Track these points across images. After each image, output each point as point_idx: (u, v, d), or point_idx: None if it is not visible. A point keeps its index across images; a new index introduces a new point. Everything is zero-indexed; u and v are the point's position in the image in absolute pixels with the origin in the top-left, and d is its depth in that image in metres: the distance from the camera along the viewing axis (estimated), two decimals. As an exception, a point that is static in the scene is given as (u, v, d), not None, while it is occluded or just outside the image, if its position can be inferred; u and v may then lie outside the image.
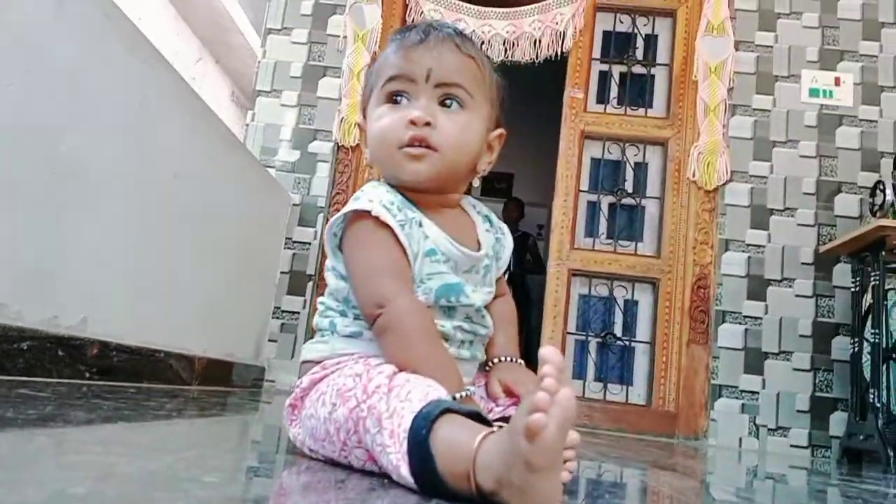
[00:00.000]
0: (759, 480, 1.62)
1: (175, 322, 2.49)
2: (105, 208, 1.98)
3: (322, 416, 0.82)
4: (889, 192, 2.98)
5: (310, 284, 3.53)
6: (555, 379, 0.57)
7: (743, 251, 3.49)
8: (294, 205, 3.59)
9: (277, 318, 3.50)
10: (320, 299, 0.97)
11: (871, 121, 3.60)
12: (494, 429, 0.66)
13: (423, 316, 0.85)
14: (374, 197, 0.88)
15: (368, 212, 0.87)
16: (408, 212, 0.90)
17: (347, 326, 0.91)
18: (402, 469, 0.69)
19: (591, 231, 3.72)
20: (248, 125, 3.77)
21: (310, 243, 3.57)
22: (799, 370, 3.35)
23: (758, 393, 3.33)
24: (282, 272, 3.53)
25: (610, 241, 3.67)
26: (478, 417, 0.69)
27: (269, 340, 3.47)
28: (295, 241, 3.57)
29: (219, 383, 2.87)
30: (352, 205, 0.88)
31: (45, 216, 1.74)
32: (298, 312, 3.51)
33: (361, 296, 0.87)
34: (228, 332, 3.00)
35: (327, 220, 3.54)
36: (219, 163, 2.73)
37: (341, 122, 3.64)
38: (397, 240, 0.87)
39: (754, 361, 3.36)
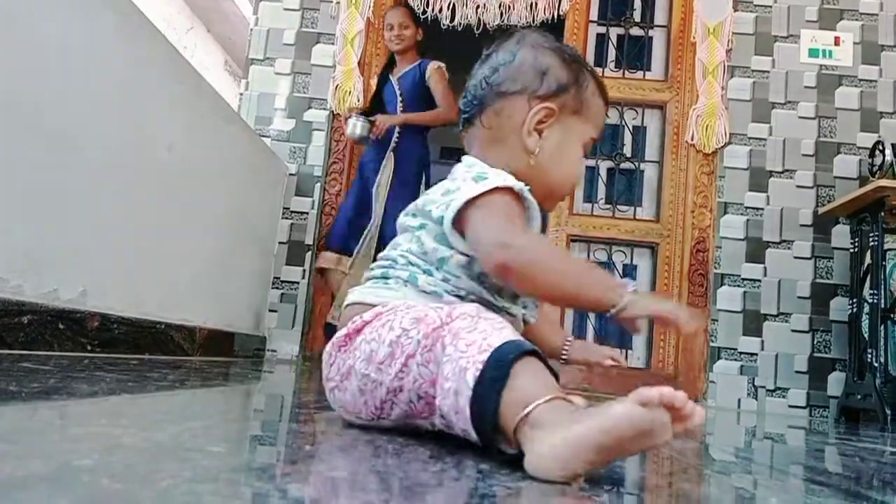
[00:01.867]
0: (757, 440, 1.64)
1: (175, 294, 2.49)
2: (101, 181, 1.97)
3: (388, 339, 0.82)
4: (888, 152, 2.97)
5: (308, 254, 3.53)
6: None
7: (742, 214, 3.48)
8: (290, 174, 3.57)
9: (277, 288, 3.51)
10: (400, 251, 0.96)
11: (871, 80, 3.57)
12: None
13: (547, 242, 0.96)
14: (510, 180, 0.90)
15: (511, 188, 0.89)
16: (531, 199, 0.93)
17: (430, 284, 0.91)
18: (468, 374, 0.69)
19: (590, 196, 3.71)
20: (241, 95, 3.73)
21: (307, 213, 3.56)
22: (797, 331, 3.37)
23: (756, 354, 3.35)
24: (280, 242, 3.52)
25: (608, 206, 3.66)
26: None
27: (270, 310, 3.47)
28: (293, 211, 3.56)
29: (220, 354, 2.88)
30: (491, 181, 0.89)
31: (42, 190, 1.72)
32: (298, 282, 3.51)
33: (489, 234, 0.86)
34: (228, 302, 3.01)
35: (324, 189, 3.53)
36: (213, 134, 2.71)
37: (336, 89, 3.60)
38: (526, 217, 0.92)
39: (753, 323, 3.37)
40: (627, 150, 3.72)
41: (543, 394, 0.65)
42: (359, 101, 3.57)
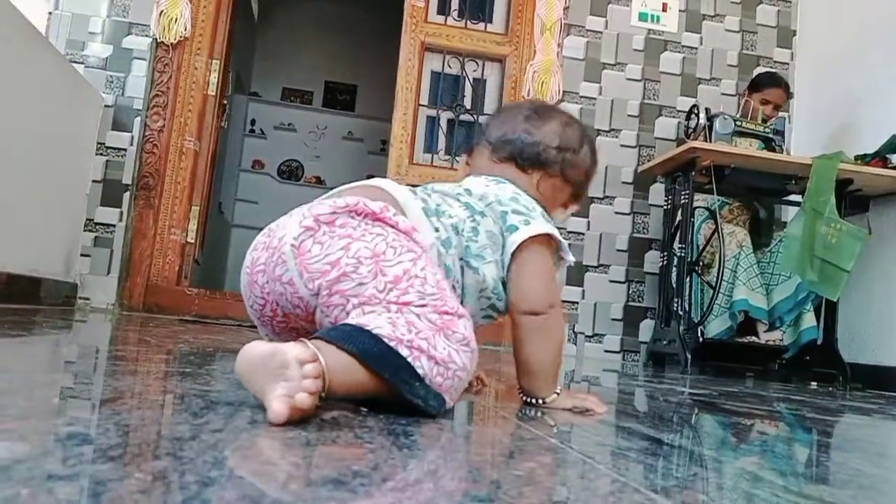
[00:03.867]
0: (574, 383, 1.71)
1: (-41, 233, 2.21)
2: None
3: (374, 249, 0.81)
4: (702, 115, 3.18)
5: (126, 195, 3.25)
6: None
7: (571, 169, 3.61)
8: (106, 106, 3.25)
9: (90, 230, 3.22)
10: (455, 218, 0.97)
11: (692, 48, 3.80)
12: None
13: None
14: (556, 232, 1.01)
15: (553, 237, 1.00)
16: None
17: (449, 259, 0.93)
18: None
19: (430, 147, 3.70)
20: (50, 14, 3.33)
21: (125, 149, 3.27)
22: (615, 282, 3.59)
23: (577, 303, 3.54)
24: (94, 181, 3.22)
25: (448, 157, 3.68)
26: None
27: (82, 255, 3.19)
28: (108, 147, 3.26)
29: (24, 301, 2.61)
30: (549, 226, 1.00)
31: None
32: (114, 225, 3.24)
33: (539, 291, 0.97)
34: (32, 245, 2.72)
35: (145, 124, 3.26)
36: (13, 59, 2.39)
37: (160, 15, 3.30)
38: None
39: (576, 275, 3.55)
40: (468, 102, 3.73)
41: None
42: (186, 29, 3.30)
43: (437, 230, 0.93)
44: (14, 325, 1.66)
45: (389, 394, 0.72)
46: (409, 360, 0.72)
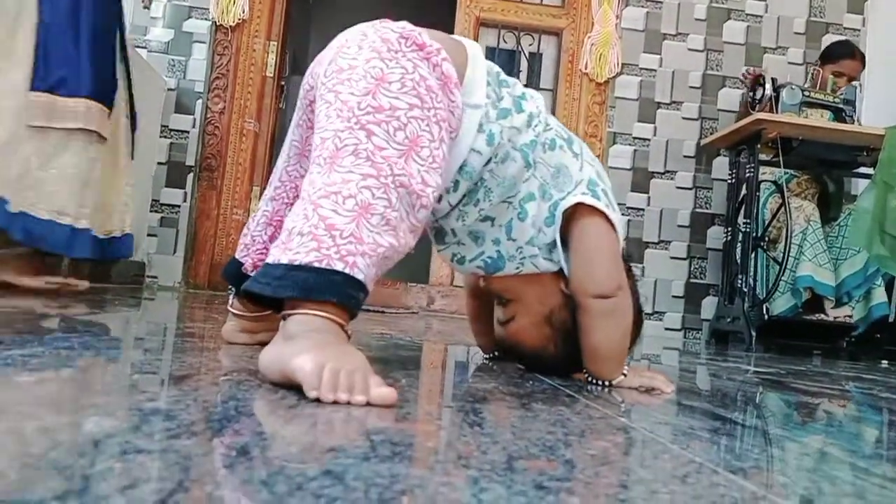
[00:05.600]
0: (634, 361, 1.69)
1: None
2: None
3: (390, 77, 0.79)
4: (768, 86, 3.07)
5: (190, 176, 3.34)
6: None
7: (630, 144, 3.55)
8: (169, 90, 3.33)
9: (156, 211, 3.32)
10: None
11: (757, 16, 3.66)
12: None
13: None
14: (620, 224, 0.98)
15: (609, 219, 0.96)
16: None
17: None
18: (305, 247, 0.69)
19: (486, 123, 3.67)
20: (114, 0, 3.41)
21: (188, 132, 3.35)
22: (676, 258, 3.52)
23: (637, 280, 3.48)
24: (159, 163, 3.31)
25: (503, 132, 3.64)
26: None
27: (149, 235, 3.29)
28: (172, 130, 3.35)
29: (95, 280, 2.71)
30: (617, 219, 0.97)
31: None
32: (179, 206, 3.34)
33: (606, 271, 0.94)
34: (102, 226, 2.82)
35: (207, 107, 3.33)
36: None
37: (219, -2, 3.36)
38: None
39: (636, 251, 3.49)
40: (523, 78, 3.69)
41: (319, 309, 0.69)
42: (244, 11, 3.35)
43: (498, 98, 0.90)
44: (88, 303, 1.72)
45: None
46: (347, 270, 0.69)
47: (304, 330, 0.67)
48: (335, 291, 0.69)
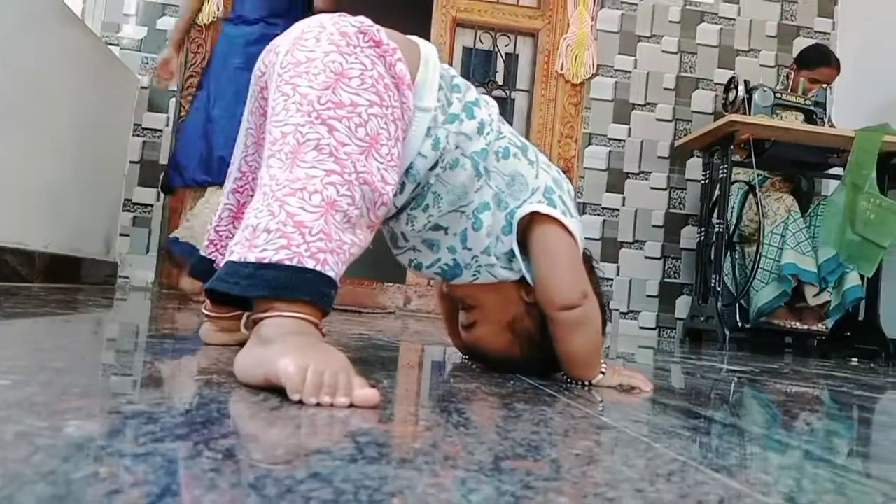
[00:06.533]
0: (609, 360, 1.70)
1: (8, 215, 2.26)
2: None
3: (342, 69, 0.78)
4: (741, 88, 3.11)
5: (163, 175, 3.29)
6: None
7: (605, 145, 3.57)
8: (142, 87, 3.29)
9: (129, 210, 3.27)
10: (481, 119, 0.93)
11: (730, 18, 3.71)
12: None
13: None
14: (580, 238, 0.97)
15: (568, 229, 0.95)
16: None
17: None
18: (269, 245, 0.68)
19: (462, 123, 3.68)
20: (86, -3, 3.37)
21: (161, 130, 3.31)
22: (650, 258, 3.56)
23: (612, 279, 3.51)
24: (131, 161, 3.27)
25: (479, 132, 3.65)
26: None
27: (121, 234, 3.25)
28: (145, 128, 3.30)
29: (66, 280, 2.67)
30: (576, 228, 0.96)
31: None
32: (151, 205, 3.29)
33: (568, 282, 0.93)
34: (74, 226, 2.78)
35: (180, 105, 3.29)
36: (52, 42, 2.43)
37: (193, -5, 3.31)
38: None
39: (610, 251, 3.52)
40: (500, 78, 3.70)
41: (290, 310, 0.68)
42: (218, 10, 3.31)
43: (448, 102, 0.89)
44: (60, 304, 1.70)
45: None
46: (318, 268, 0.68)
47: (281, 333, 0.66)
48: (307, 290, 0.68)
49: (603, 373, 0.98)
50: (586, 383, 0.98)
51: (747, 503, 0.42)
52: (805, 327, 3.05)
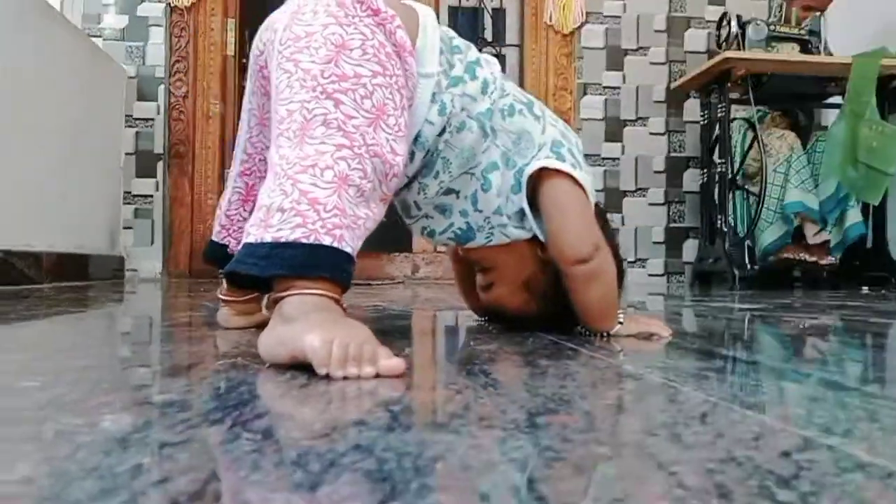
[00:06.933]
0: (620, 311, 1.71)
1: (10, 218, 2.26)
2: None
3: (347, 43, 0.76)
4: (734, 23, 3.06)
5: (160, 164, 3.28)
6: None
7: (600, 94, 3.54)
8: (130, 77, 3.25)
9: (130, 203, 3.27)
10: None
11: (717, -46, 3.64)
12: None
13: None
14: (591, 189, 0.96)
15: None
16: None
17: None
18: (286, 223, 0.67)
19: (455, 84, 3.64)
20: (63, -11, 3.31)
21: (153, 119, 3.28)
22: (654, 204, 3.54)
23: (617, 229, 3.50)
24: (126, 153, 3.25)
25: (472, 93, 3.62)
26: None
27: (125, 228, 3.25)
28: (136, 119, 3.27)
29: (74, 278, 2.68)
30: (587, 182, 0.95)
31: None
32: (151, 195, 3.28)
33: (579, 235, 0.93)
34: (76, 223, 2.77)
35: (170, 92, 3.26)
36: (34, 39, 2.39)
37: (171, -21, 3.26)
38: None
39: (614, 200, 3.51)
40: (488, 35, 3.65)
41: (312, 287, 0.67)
42: (198, -9, 3.26)
43: (450, 65, 0.88)
44: (72, 303, 1.70)
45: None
46: (335, 244, 0.68)
47: (303, 310, 0.66)
48: (327, 266, 0.68)
49: (621, 323, 0.98)
50: (605, 334, 0.98)
51: (785, 437, 0.43)
52: (814, 259, 3.05)
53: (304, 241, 0.66)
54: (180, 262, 3.29)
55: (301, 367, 0.63)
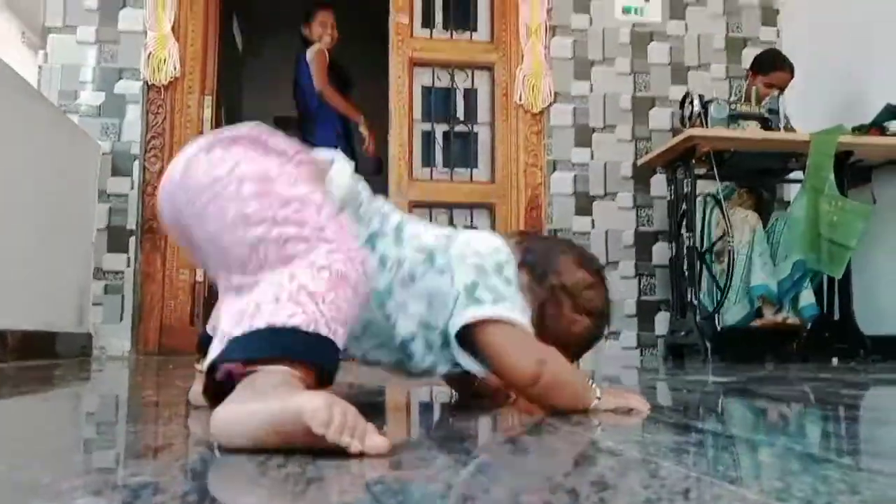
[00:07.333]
0: (595, 382, 1.71)
1: (-27, 294, 2.22)
2: None
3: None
4: (696, 102, 3.18)
5: (132, 240, 3.26)
6: None
7: (569, 170, 3.62)
8: (104, 154, 3.26)
9: (100, 279, 3.22)
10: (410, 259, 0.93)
11: (678, 36, 3.81)
12: None
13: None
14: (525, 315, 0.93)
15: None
16: None
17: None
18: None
19: (428, 161, 3.71)
20: (41, 67, 3.35)
21: (127, 195, 3.28)
22: (625, 277, 3.59)
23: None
24: (98, 229, 3.22)
25: (446, 169, 3.69)
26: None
27: (94, 304, 3.19)
28: (110, 194, 3.26)
29: (41, 357, 2.61)
30: (520, 316, 0.91)
31: None
32: (122, 271, 3.24)
33: (523, 363, 0.90)
34: (44, 299, 2.72)
35: (144, 167, 3.28)
36: (9, 115, 2.41)
37: (149, 57, 3.32)
38: None
39: (587, 273, 3.53)
40: (461, 114, 3.75)
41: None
42: (175, 69, 3.32)
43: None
44: (38, 382, 1.66)
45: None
46: (329, 335, 0.68)
47: (277, 382, 0.64)
48: (321, 355, 0.68)
49: (599, 398, 0.98)
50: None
51: (768, 513, 0.43)
52: (782, 320, 3.08)
53: (303, 328, 0.67)
54: (150, 339, 3.23)
55: (267, 451, 0.61)
